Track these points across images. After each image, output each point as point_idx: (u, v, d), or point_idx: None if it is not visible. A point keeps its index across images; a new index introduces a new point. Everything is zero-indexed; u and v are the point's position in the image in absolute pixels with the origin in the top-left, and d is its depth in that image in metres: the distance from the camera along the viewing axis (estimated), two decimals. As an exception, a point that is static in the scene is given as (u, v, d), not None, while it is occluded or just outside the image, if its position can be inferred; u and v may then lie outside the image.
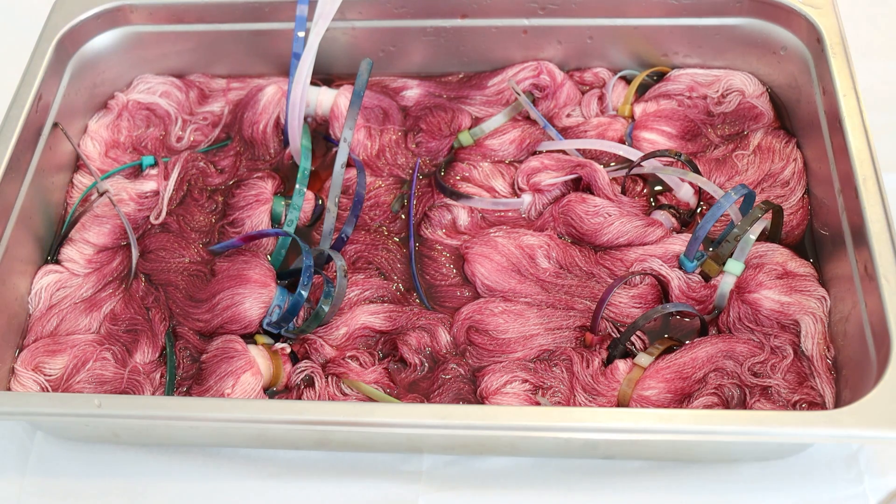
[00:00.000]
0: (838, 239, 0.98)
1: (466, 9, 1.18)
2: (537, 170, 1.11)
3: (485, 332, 1.00)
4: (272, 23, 1.19)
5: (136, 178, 1.14)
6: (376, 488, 0.96)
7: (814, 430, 0.81)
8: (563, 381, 0.96)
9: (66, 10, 1.15)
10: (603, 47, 1.21)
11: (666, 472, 0.96)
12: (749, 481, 0.95)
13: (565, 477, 0.96)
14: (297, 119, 1.11)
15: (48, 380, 0.98)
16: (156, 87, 1.22)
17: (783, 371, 0.94)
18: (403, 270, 1.08)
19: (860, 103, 0.99)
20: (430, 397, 0.97)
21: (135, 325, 1.02)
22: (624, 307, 1.00)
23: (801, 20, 1.10)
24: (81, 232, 1.08)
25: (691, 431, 0.82)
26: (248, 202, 1.10)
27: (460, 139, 1.17)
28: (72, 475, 0.99)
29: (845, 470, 0.95)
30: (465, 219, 1.10)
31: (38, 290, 1.05)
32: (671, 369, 0.94)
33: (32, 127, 1.07)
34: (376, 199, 1.12)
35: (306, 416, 0.85)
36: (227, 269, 1.03)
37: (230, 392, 0.94)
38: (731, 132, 1.15)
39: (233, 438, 0.98)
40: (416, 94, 1.22)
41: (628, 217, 1.05)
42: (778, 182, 1.09)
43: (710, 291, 1.00)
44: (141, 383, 0.98)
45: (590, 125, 1.16)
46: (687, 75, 1.19)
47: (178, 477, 0.98)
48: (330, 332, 1.01)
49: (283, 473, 0.98)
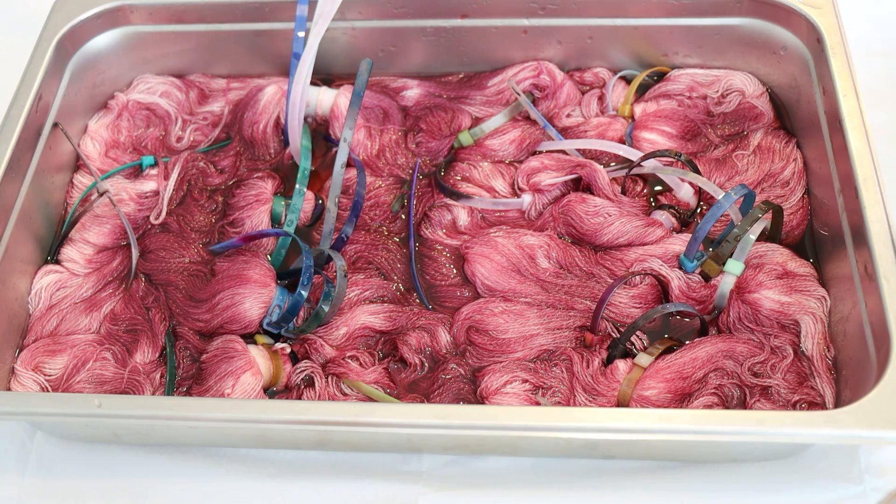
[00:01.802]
0: (838, 239, 0.98)
1: (466, 9, 1.18)
2: (537, 170, 1.11)
3: (485, 332, 1.00)
4: (272, 23, 1.19)
5: (136, 178, 1.14)
6: (376, 488, 0.96)
7: (814, 430, 0.81)
8: (563, 381, 0.96)
9: (66, 10, 1.15)
10: (603, 47, 1.21)
11: (666, 472, 0.96)
12: (749, 481, 0.95)
13: (565, 477, 0.96)
14: (297, 119, 1.11)
15: (48, 380, 0.98)
16: (156, 87, 1.22)
17: (783, 371, 0.94)
18: (403, 270, 1.08)
19: (860, 103, 0.99)
20: (430, 397, 0.97)
21: (135, 325, 1.02)
22: (624, 307, 1.00)
23: (801, 20, 1.10)
24: (81, 232, 1.08)
25: (691, 431, 0.82)
26: (248, 202, 1.10)
27: (460, 139, 1.17)
28: (72, 475, 0.99)
29: (845, 470, 0.95)
30: (465, 219, 1.10)
31: (38, 290, 1.05)
32: (671, 369, 0.94)
33: (32, 127, 1.07)
34: (376, 199, 1.12)
35: (306, 416, 0.85)
36: (227, 269, 1.03)
37: (230, 392, 0.94)
38: (731, 132, 1.15)
39: (233, 438, 0.98)
40: (416, 94, 1.22)
41: (628, 217, 1.05)
42: (778, 182, 1.09)
43: (710, 291, 1.00)
44: (141, 383, 0.98)
45: (590, 125, 1.16)
46: (687, 75, 1.19)
47: (178, 477, 0.98)
48: (330, 332, 1.01)
49: (283, 473, 0.98)
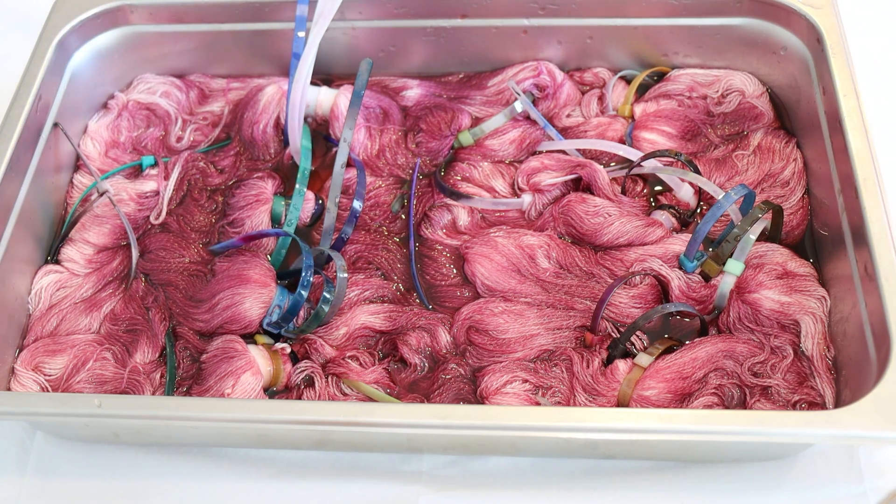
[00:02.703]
0: (838, 239, 0.98)
1: (466, 9, 1.18)
2: (537, 170, 1.11)
3: (485, 332, 1.00)
4: (272, 23, 1.19)
5: (136, 178, 1.14)
6: (376, 488, 0.96)
7: (814, 430, 0.81)
8: (563, 381, 0.96)
9: (66, 10, 1.15)
10: (603, 47, 1.21)
11: (666, 472, 0.96)
12: (749, 481, 0.95)
13: (565, 477, 0.96)
14: (297, 119, 1.11)
15: (48, 380, 0.98)
16: (156, 87, 1.22)
17: (783, 371, 0.94)
18: (403, 270, 1.08)
19: (860, 103, 0.99)
20: (430, 397, 0.97)
21: (135, 325, 1.02)
22: (624, 307, 1.00)
23: (801, 20, 1.10)
24: (81, 232, 1.08)
25: (691, 431, 0.82)
26: (248, 202, 1.10)
27: (460, 139, 1.17)
28: (72, 475, 0.99)
29: (845, 470, 0.95)
30: (465, 219, 1.10)
31: (38, 290, 1.05)
32: (671, 369, 0.94)
33: (32, 127, 1.07)
34: (376, 199, 1.12)
35: (306, 416, 0.85)
36: (227, 269, 1.03)
37: (230, 392, 0.94)
38: (731, 132, 1.15)
39: (233, 438, 0.98)
40: (416, 94, 1.22)
41: (628, 217, 1.05)
42: (778, 182, 1.09)
43: (710, 291, 1.00)
44: (141, 383, 0.98)
45: (590, 125, 1.16)
46: (687, 75, 1.19)
47: (178, 477, 0.98)
48: (330, 332, 1.01)
49: (283, 473, 0.98)
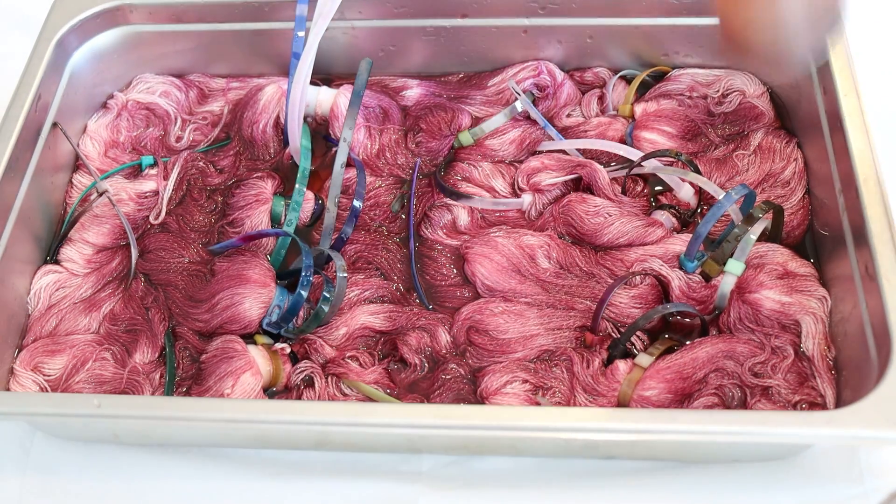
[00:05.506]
0: (839, 239, 0.98)
1: (466, 8, 1.18)
2: (537, 170, 1.11)
3: (485, 333, 1.00)
4: (272, 23, 1.19)
5: (135, 178, 1.14)
6: (376, 488, 0.96)
7: (814, 430, 0.81)
8: (563, 381, 0.96)
9: (65, 9, 1.15)
10: (603, 47, 1.20)
11: (666, 472, 0.96)
12: (749, 481, 0.95)
13: (565, 477, 0.96)
14: (297, 119, 1.11)
15: (47, 380, 0.98)
16: (155, 87, 1.22)
17: (784, 371, 0.93)
18: (403, 270, 1.08)
19: (861, 103, 0.99)
20: (430, 397, 0.96)
21: (134, 325, 1.02)
22: (624, 307, 1.00)
23: (802, 20, 1.10)
24: (81, 232, 1.08)
25: (691, 431, 0.82)
26: (247, 202, 1.10)
27: (460, 139, 1.17)
28: (71, 475, 0.99)
29: (846, 470, 0.95)
30: (465, 219, 1.10)
31: (38, 290, 1.04)
32: (671, 369, 0.94)
33: (32, 127, 1.07)
34: (376, 198, 1.12)
35: (306, 416, 0.85)
36: (226, 269, 1.03)
37: (230, 392, 0.94)
38: (731, 132, 1.15)
39: (233, 438, 0.98)
40: (416, 93, 1.21)
41: (628, 217, 1.05)
42: (778, 182, 1.09)
43: (710, 292, 1.00)
44: (140, 383, 0.98)
45: (590, 125, 1.16)
46: (687, 75, 1.19)
47: (178, 477, 0.98)
48: (330, 332, 1.01)
49: (283, 473, 0.97)
